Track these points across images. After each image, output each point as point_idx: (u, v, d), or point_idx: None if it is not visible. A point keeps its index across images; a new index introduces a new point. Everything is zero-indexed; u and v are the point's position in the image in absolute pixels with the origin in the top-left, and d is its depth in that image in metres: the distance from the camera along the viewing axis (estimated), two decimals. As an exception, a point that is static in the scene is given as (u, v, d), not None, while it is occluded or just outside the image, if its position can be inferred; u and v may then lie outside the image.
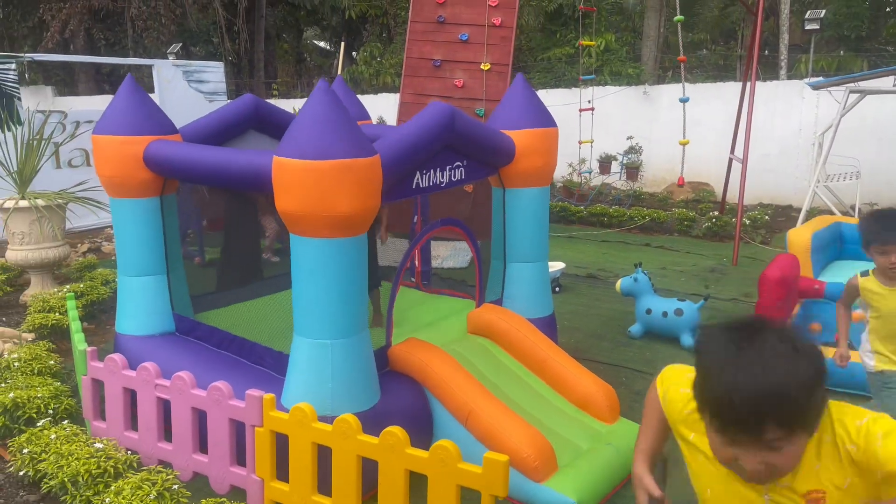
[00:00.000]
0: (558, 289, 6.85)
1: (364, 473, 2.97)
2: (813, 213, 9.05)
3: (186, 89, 11.93)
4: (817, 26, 13.13)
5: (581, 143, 10.78)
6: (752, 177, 9.08)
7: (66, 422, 3.83)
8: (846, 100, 8.59)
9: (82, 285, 6.25)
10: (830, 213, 8.72)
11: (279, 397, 3.32)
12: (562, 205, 10.76)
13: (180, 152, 3.73)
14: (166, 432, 3.60)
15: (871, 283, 3.25)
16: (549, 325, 4.39)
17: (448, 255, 7.83)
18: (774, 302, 4.86)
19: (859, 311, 5.44)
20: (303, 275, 3.15)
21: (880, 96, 9.14)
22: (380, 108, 13.98)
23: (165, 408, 3.56)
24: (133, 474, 3.22)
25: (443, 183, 3.71)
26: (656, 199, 11.67)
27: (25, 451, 3.51)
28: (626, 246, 9.04)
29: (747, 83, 8.80)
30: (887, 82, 8.54)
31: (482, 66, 8.11)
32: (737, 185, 8.40)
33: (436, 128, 3.48)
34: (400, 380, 3.60)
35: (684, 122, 9.82)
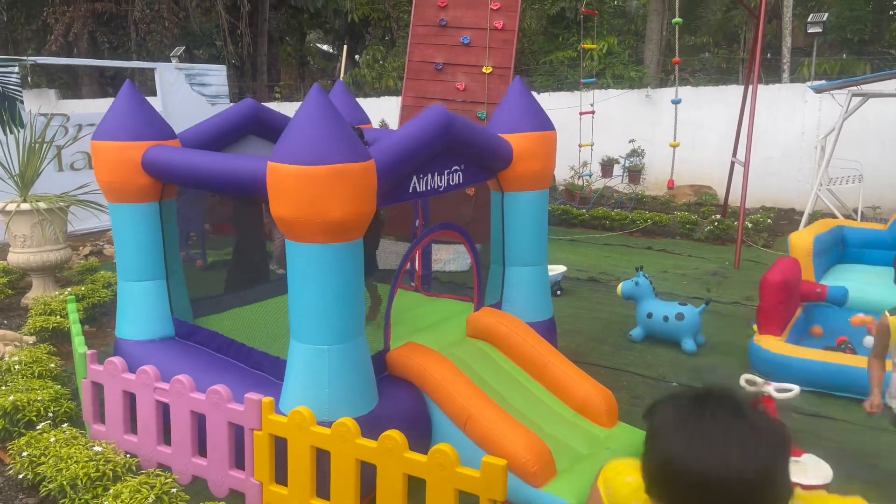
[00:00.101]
0: (559, 292, 6.84)
1: (363, 477, 2.98)
2: (815, 216, 9.03)
3: (189, 92, 11.96)
4: (820, 29, 13.13)
5: (581, 146, 10.77)
6: (754, 180, 9.07)
7: (66, 425, 3.84)
8: (848, 103, 8.58)
9: (83, 288, 6.27)
10: (833, 216, 8.71)
11: (278, 402, 3.32)
12: (564, 208, 10.75)
13: (178, 158, 3.74)
14: (165, 436, 3.61)
15: None
16: (548, 329, 4.38)
17: (450, 258, 7.83)
18: (776, 305, 4.86)
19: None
20: (299, 280, 3.15)
21: (883, 99, 9.13)
22: (382, 111, 13.99)
23: (165, 411, 3.56)
24: (132, 477, 3.23)
25: (440, 187, 3.70)
26: (658, 203, 11.65)
27: (25, 454, 3.53)
28: (628, 249, 9.03)
29: (749, 86, 8.79)
30: (890, 85, 8.51)
31: (484, 70, 8.11)
32: (739, 188, 8.39)
33: (432, 132, 3.48)
34: (398, 384, 3.60)
35: (675, 124, 9.87)
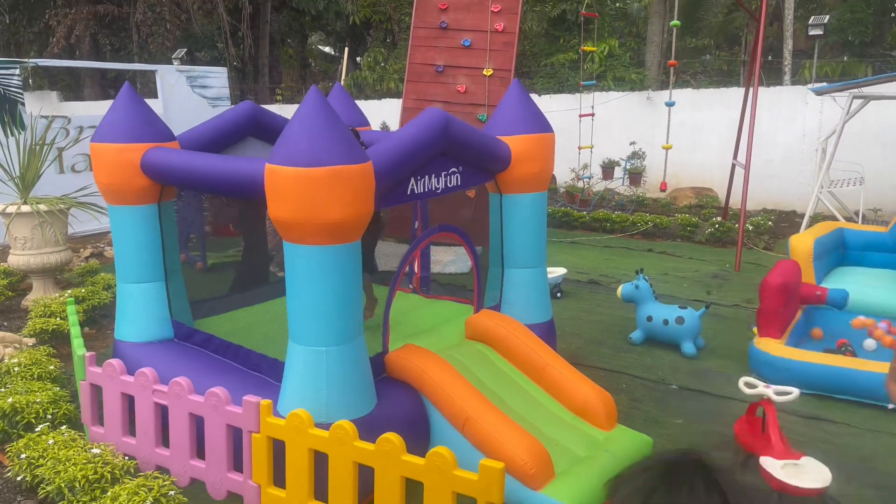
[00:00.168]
0: (560, 294, 6.84)
1: (360, 480, 2.97)
2: (817, 218, 9.02)
3: (190, 95, 11.98)
4: (821, 32, 13.10)
5: (581, 148, 10.77)
6: (755, 182, 9.05)
7: (65, 427, 3.84)
8: (849, 105, 8.56)
9: (84, 290, 6.27)
10: (834, 218, 8.69)
11: (277, 404, 3.32)
12: (564, 210, 10.74)
13: (177, 159, 3.74)
14: (164, 438, 3.61)
15: None
16: (547, 331, 4.38)
17: (450, 260, 7.83)
18: (775, 308, 4.85)
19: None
20: (297, 282, 3.15)
21: (884, 102, 9.11)
22: (384, 113, 13.99)
23: (164, 413, 3.56)
24: (130, 480, 3.24)
25: (438, 189, 3.70)
26: (659, 205, 11.63)
27: (23, 456, 3.53)
28: (629, 251, 9.01)
29: (750, 88, 8.79)
30: (891, 87, 8.50)
31: (485, 72, 8.12)
32: (740, 190, 8.38)
33: (430, 134, 3.48)
34: (397, 386, 3.59)
35: (668, 126, 9.87)
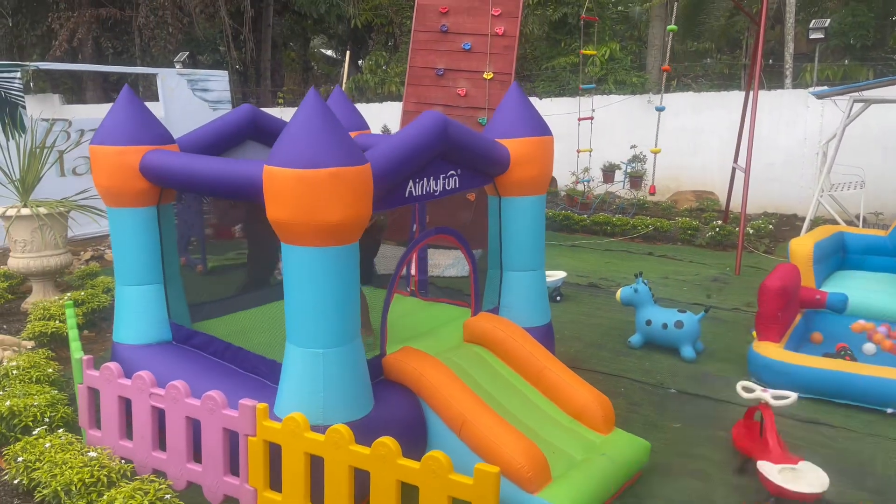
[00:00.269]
0: (559, 298, 6.83)
1: (357, 483, 2.97)
2: (817, 222, 9.01)
3: (191, 98, 12.00)
4: (822, 35, 13.12)
5: (580, 151, 10.76)
6: (756, 186, 9.05)
7: (62, 430, 3.83)
8: (850, 109, 8.56)
9: (83, 293, 6.27)
10: (835, 222, 8.68)
11: (274, 407, 3.31)
12: (565, 213, 10.74)
13: (176, 162, 3.75)
14: (161, 441, 3.60)
15: None
16: (545, 335, 4.37)
17: (449, 263, 7.83)
18: (774, 312, 4.84)
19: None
20: (294, 283, 3.15)
21: (885, 105, 9.10)
22: (385, 116, 14.01)
23: (161, 417, 3.56)
24: (126, 483, 3.23)
25: (436, 192, 3.70)
26: (660, 208, 11.63)
27: (20, 459, 3.52)
28: (629, 255, 9.01)
29: (751, 92, 8.78)
30: (892, 91, 8.49)
31: (485, 76, 8.12)
32: (741, 193, 8.37)
33: (428, 137, 3.48)
34: (394, 389, 3.59)
35: (657, 130, 9.91)
